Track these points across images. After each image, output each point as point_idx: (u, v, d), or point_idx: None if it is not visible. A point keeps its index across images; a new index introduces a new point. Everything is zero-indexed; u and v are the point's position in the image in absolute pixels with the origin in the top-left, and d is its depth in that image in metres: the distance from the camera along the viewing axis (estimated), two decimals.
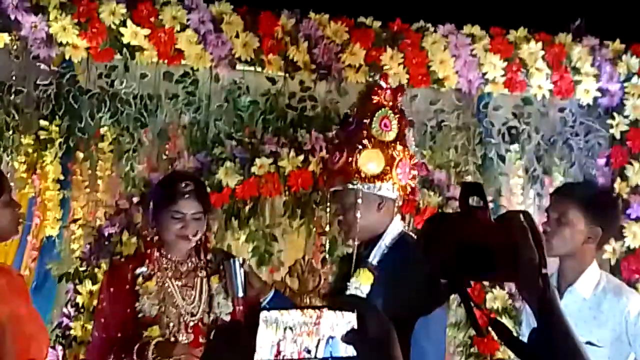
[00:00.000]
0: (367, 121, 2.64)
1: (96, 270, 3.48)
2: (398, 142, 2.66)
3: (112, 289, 2.74)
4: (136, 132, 3.79)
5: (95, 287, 3.47)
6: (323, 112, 3.94)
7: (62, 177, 3.64)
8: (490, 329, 1.25)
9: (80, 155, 3.71)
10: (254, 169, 3.71)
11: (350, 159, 2.63)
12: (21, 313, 2.44)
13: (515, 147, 4.21)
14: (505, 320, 3.87)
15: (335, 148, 2.74)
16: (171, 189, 2.76)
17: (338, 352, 1.11)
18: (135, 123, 3.79)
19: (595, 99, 4.27)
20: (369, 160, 2.62)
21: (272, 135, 3.79)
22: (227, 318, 2.79)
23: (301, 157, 3.74)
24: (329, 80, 3.91)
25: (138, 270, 2.74)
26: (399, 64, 3.96)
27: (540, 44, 4.13)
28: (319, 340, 1.11)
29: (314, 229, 3.88)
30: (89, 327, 3.46)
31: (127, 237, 3.49)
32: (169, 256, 2.79)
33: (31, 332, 2.47)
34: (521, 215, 1.20)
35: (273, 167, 3.72)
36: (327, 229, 3.51)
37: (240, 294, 2.77)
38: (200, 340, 2.71)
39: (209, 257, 2.84)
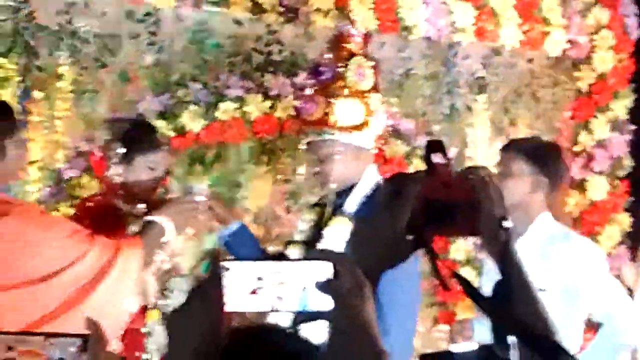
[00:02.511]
0: (342, 70, 2.58)
1: (55, 213, 3.38)
2: (373, 91, 2.60)
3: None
4: (96, 72, 3.66)
5: None
6: (290, 57, 3.85)
7: (19, 118, 3.51)
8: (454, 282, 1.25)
9: (39, 94, 3.58)
10: (218, 114, 3.63)
11: (327, 109, 2.56)
12: None
13: (482, 97, 4.19)
14: (468, 271, 3.89)
15: (309, 98, 2.66)
16: (150, 137, 2.70)
17: (309, 305, 1.08)
18: (96, 63, 3.66)
19: (563, 51, 4.26)
20: (347, 110, 2.56)
21: (238, 79, 3.70)
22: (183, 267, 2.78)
23: (268, 103, 3.67)
24: (297, 24, 3.82)
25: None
26: (368, 9, 3.88)
27: None
28: (291, 290, 1.08)
29: (279, 176, 3.83)
30: None
31: (88, 180, 3.41)
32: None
33: None
34: (482, 170, 1.24)
35: (238, 112, 3.65)
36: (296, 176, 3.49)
37: None
38: None
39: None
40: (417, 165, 3.81)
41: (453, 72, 4.15)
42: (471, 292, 1.25)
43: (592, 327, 3.46)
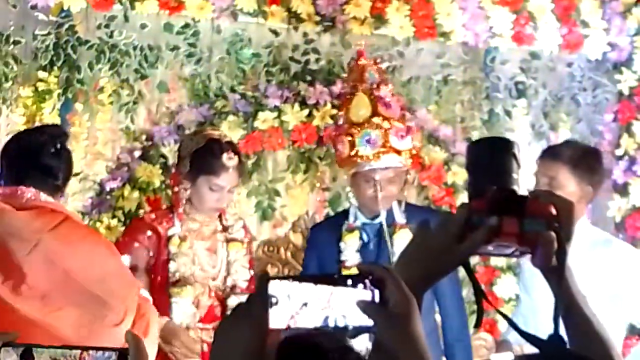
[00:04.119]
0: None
1: (98, 224, 3.44)
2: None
3: (137, 244, 2.65)
4: (136, 84, 3.72)
5: None
6: (327, 66, 3.86)
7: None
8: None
9: (80, 107, 3.65)
10: (257, 123, 3.67)
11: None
12: None
13: (522, 102, 4.15)
14: (509, 277, 3.87)
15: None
16: (215, 160, 2.69)
17: (353, 322, 1.07)
18: (135, 75, 3.72)
19: (604, 53, 4.20)
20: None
21: (276, 89, 3.73)
22: (244, 285, 2.77)
23: (305, 111, 3.69)
24: (333, 33, 3.83)
25: (172, 231, 2.68)
26: (405, 16, 3.88)
27: None
28: (336, 309, 1.07)
29: (318, 184, 3.84)
30: None
31: (129, 192, 3.46)
32: (195, 217, 2.72)
33: None
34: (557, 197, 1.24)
35: (277, 121, 3.68)
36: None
37: None
38: (214, 304, 2.67)
39: (227, 221, 2.79)
40: (456, 172, 3.79)
41: (491, 77, 4.12)
42: (522, 334, 1.24)
43: (636, 333, 3.42)
